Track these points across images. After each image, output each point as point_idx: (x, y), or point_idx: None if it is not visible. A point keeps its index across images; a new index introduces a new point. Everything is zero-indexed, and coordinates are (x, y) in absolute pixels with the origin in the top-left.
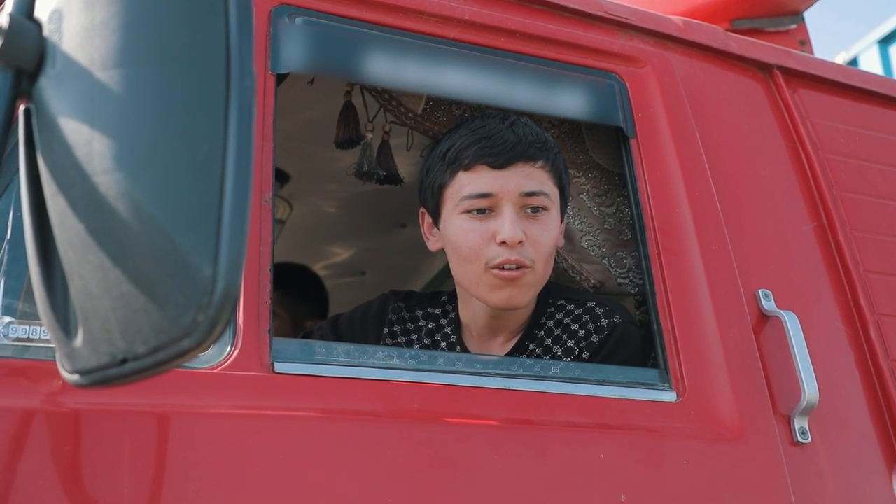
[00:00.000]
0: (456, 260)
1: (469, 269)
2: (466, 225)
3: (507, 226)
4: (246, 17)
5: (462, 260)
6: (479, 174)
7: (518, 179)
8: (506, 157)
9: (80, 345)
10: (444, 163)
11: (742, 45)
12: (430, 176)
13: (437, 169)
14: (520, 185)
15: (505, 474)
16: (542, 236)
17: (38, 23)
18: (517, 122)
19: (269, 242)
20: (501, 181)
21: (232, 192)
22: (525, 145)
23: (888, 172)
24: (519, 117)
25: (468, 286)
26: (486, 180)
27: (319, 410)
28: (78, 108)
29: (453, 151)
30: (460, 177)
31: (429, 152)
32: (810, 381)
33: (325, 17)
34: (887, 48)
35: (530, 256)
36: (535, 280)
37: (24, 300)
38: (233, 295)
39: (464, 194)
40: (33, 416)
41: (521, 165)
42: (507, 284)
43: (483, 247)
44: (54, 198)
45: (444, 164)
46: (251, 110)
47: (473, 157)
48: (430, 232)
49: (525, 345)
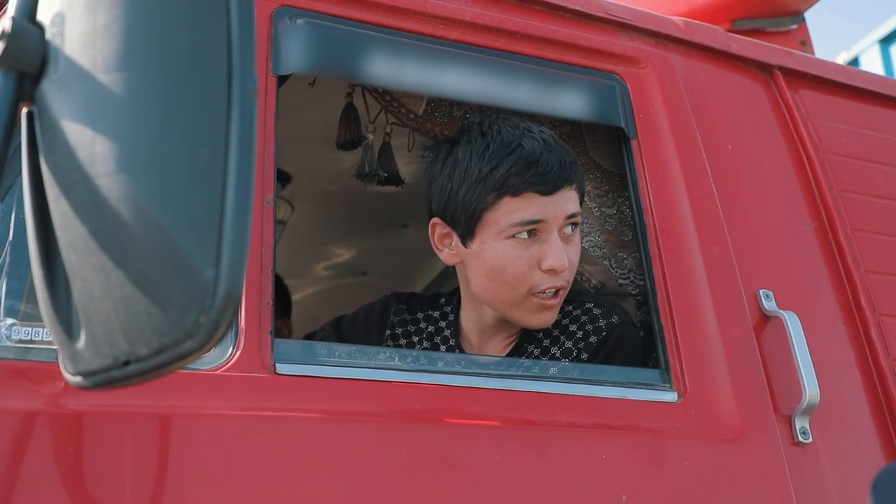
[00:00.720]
0: (492, 282)
1: (509, 293)
2: (513, 252)
3: (557, 254)
4: (247, 20)
5: (503, 284)
6: (529, 201)
7: (563, 204)
8: (554, 184)
9: (82, 347)
10: (486, 186)
11: (743, 46)
12: (464, 196)
13: (476, 191)
14: (565, 210)
15: (506, 475)
16: (575, 255)
17: (41, 26)
18: (547, 138)
19: (270, 244)
20: (551, 207)
21: (234, 194)
22: (566, 168)
23: (889, 172)
24: (542, 129)
25: (501, 306)
26: (536, 207)
27: (321, 411)
28: (80, 111)
29: (499, 177)
30: (506, 202)
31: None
32: (811, 381)
33: (326, 18)
34: (888, 48)
35: (567, 278)
36: (564, 297)
37: (27, 302)
38: (235, 297)
39: (513, 221)
40: (36, 418)
41: (564, 190)
42: (546, 309)
43: (528, 273)
44: (57, 200)
45: (486, 188)
46: (252, 112)
47: (523, 185)
48: (443, 243)
49: (524, 346)
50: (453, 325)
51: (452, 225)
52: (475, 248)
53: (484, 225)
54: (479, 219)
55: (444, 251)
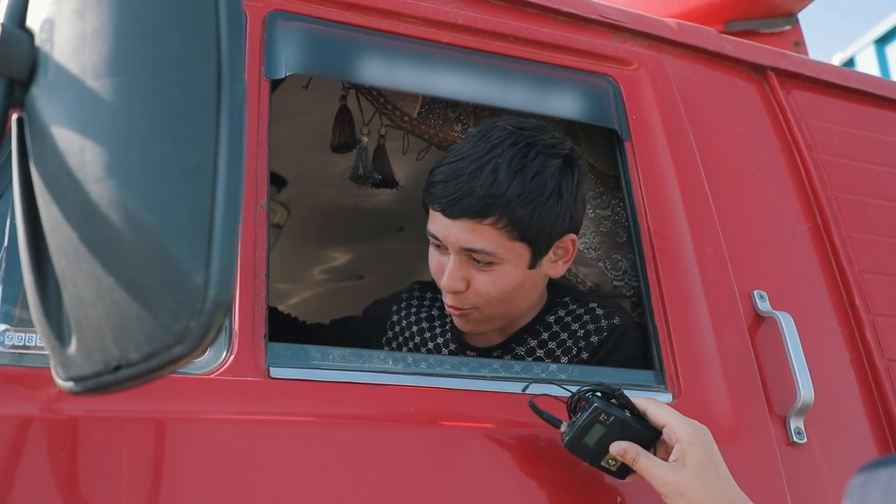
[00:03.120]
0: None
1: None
2: (432, 252)
3: (446, 274)
4: (236, 25)
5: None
6: (434, 215)
7: (461, 234)
8: (452, 209)
9: (73, 352)
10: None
11: (736, 47)
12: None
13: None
14: (461, 240)
15: (502, 477)
16: (486, 286)
17: (30, 32)
18: (486, 166)
19: (264, 247)
20: (447, 230)
21: (224, 199)
22: (474, 199)
23: (883, 173)
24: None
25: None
26: (438, 225)
27: (315, 415)
28: (70, 117)
29: (427, 181)
30: (430, 209)
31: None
32: (805, 381)
33: (319, 22)
34: (884, 48)
35: (472, 302)
36: (487, 315)
37: (21, 308)
38: (225, 301)
39: (427, 227)
40: (30, 424)
41: (466, 220)
42: (455, 316)
43: (438, 276)
44: (47, 206)
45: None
46: (242, 117)
47: (429, 199)
48: None
49: (524, 337)
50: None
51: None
52: None
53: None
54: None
55: None
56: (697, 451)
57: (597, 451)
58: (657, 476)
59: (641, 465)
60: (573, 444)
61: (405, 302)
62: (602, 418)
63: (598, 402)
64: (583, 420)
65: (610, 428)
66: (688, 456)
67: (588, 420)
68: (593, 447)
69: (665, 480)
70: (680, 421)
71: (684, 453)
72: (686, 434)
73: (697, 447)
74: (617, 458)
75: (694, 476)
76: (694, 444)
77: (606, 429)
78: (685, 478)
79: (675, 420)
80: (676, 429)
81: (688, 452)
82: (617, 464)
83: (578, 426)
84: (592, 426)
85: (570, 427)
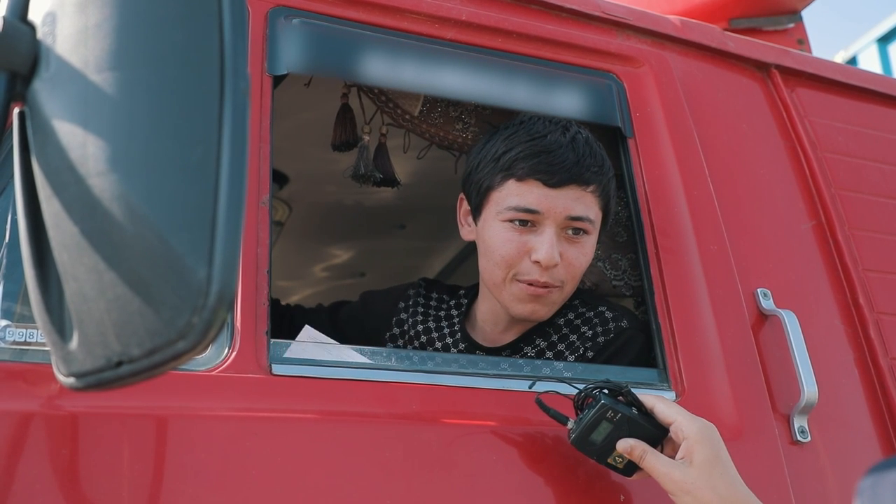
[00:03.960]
0: (486, 261)
1: (497, 274)
2: (506, 234)
3: (545, 248)
4: (239, 19)
5: (493, 265)
6: (530, 188)
7: (567, 202)
8: (561, 177)
9: (75, 348)
10: (497, 166)
11: (740, 45)
12: (479, 172)
13: (488, 169)
14: (568, 209)
15: (504, 475)
16: (578, 259)
17: (32, 26)
18: (578, 136)
19: (266, 244)
20: (551, 200)
21: (226, 194)
22: (582, 168)
23: (887, 171)
24: (580, 129)
25: (493, 288)
26: (535, 196)
27: (317, 412)
28: (72, 111)
29: (509, 158)
30: (510, 185)
31: (482, 143)
32: (809, 379)
33: (321, 18)
34: (886, 47)
35: (560, 278)
36: (560, 298)
37: (22, 304)
38: (227, 297)
39: (510, 204)
40: (31, 420)
41: (573, 188)
42: (532, 299)
43: (517, 259)
44: (49, 201)
45: (497, 168)
46: (245, 112)
47: (528, 171)
48: (466, 220)
49: (532, 337)
50: (465, 314)
51: (468, 200)
52: (480, 225)
53: (488, 203)
54: (485, 196)
55: (464, 227)
56: (704, 448)
57: (604, 449)
58: (664, 474)
59: (648, 463)
60: (580, 440)
61: (412, 300)
62: (609, 415)
63: (605, 399)
64: (590, 417)
65: (617, 425)
66: (695, 453)
67: (595, 417)
68: (600, 444)
69: (672, 478)
70: (687, 418)
71: (691, 451)
72: (693, 431)
73: (705, 445)
74: (624, 456)
75: (701, 474)
76: (701, 442)
77: (613, 426)
78: (692, 475)
79: (683, 417)
80: (684, 426)
81: (695, 450)
82: (624, 461)
83: (585, 423)
84: (599, 423)
85: (576, 424)
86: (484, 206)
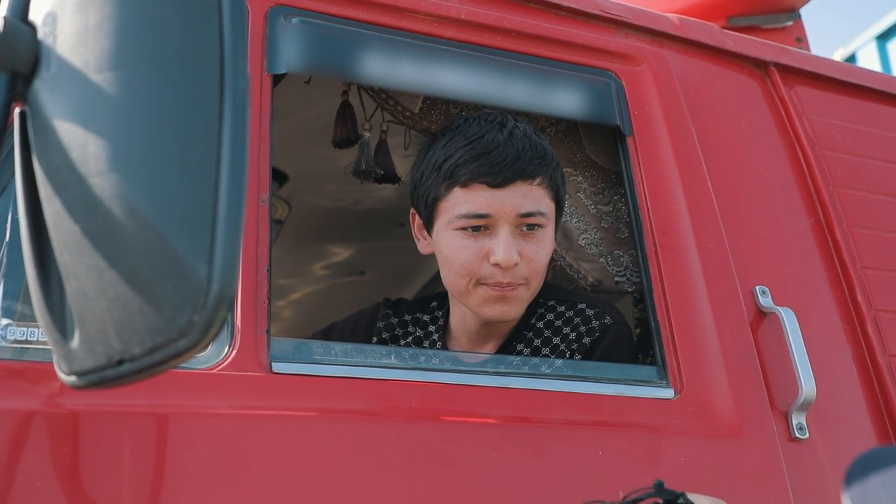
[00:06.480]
0: (447, 271)
1: (460, 283)
2: (461, 242)
3: (502, 249)
4: (239, 19)
5: (454, 274)
6: (476, 193)
7: (516, 200)
8: (504, 176)
9: (76, 346)
10: (440, 175)
11: (738, 43)
12: (423, 184)
13: (431, 180)
14: (517, 206)
15: (503, 472)
16: (537, 254)
17: (33, 26)
18: (515, 131)
19: (266, 242)
20: (499, 201)
21: (226, 193)
22: (524, 162)
23: (885, 168)
24: (517, 123)
25: (459, 297)
26: (483, 200)
27: (317, 410)
28: (73, 111)
29: (450, 166)
30: (456, 193)
31: (422, 154)
32: (807, 376)
33: (321, 17)
34: (885, 44)
35: (523, 275)
36: (527, 294)
37: (23, 302)
38: (228, 295)
39: (459, 213)
40: (32, 418)
41: (519, 184)
42: (499, 300)
43: (476, 265)
44: (50, 200)
45: (440, 177)
46: (245, 111)
47: (471, 175)
48: (421, 234)
49: (513, 345)
50: (442, 329)
51: (419, 214)
52: (434, 237)
53: (438, 214)
54: (433, 208)
55: (420, 241)
56: None
57: None
58: None
59: None
60: None
61: (384, 322)
62: None
63: None
64: None
65: None
66: None
67: None
68: None
69: None
70: None
71: None
72: None
73: None
74: None
75: None
76: None
77: None
78: None
79: None
80: None
81: None
82: None
83: None
84: None
85: None
86: (434, 217)
